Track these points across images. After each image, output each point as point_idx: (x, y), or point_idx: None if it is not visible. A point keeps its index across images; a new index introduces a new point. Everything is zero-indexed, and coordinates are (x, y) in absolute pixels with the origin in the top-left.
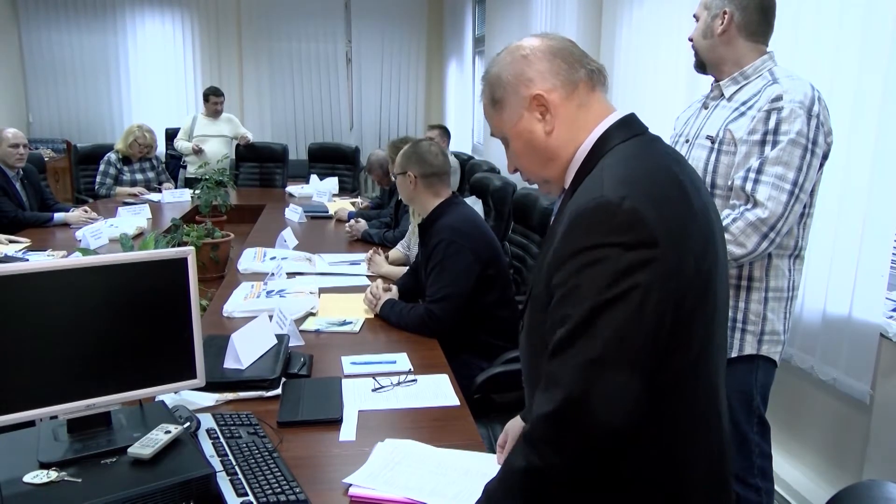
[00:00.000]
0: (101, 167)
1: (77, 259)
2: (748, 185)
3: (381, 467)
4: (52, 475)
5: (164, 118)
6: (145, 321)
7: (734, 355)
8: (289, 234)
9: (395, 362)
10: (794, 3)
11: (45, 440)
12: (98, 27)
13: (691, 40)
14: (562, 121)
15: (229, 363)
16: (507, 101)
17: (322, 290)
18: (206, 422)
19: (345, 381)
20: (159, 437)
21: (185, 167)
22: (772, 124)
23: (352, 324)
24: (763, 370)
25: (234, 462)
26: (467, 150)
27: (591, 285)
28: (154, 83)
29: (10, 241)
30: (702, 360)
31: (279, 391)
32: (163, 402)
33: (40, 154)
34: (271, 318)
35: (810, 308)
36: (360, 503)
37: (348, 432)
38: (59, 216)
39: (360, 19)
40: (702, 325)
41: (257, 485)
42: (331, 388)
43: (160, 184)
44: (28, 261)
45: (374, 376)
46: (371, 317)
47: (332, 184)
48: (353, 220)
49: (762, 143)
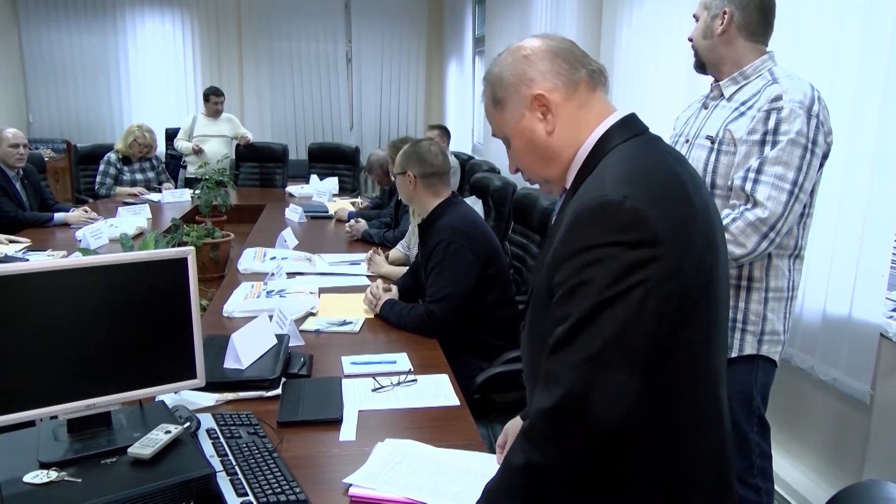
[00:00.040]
0: (101, 167)
1: (77, 259)
2: (748, 185)
3: (381, 467)
4: (52, 475)
5: (164, 118)
6: (145, 321)
7: (734, 355)
8: (289, 234)
9: (395, 362)
10: (794, 3)
11: (45, 440)
12: (98, 27)
13: (691, 40)
14: (563, 121)
15: (229, 363)
16: (508, 100)
17: (322, 290)
18: (206, 422)
19: (345, 381)
20: (159, 437)
21: (185, 167)
22: (771, 124)
23: (352, 324)
24: (763, 370)
25: (234, 462)
26: (467, 150)
27: (593, 284)
28: (154, 83)
29: (10, 241)
30: (702, 361)
31: (279, 391)
32: (163, 402)
33: (40, 154)
34: (271, 318)
35: (810, 308)
36: (360, 503)
37: (348, 432)
38: (59, 216)
39: (360, 19)
40: (703, 324)
41: (257, 485)
42: (331, 388)
43: (160, 184)
44: (28, 261)
45: (374, 376)
46: (371, 317)
47: (332, 184)
48: (353, 220)
49: (762, 142)
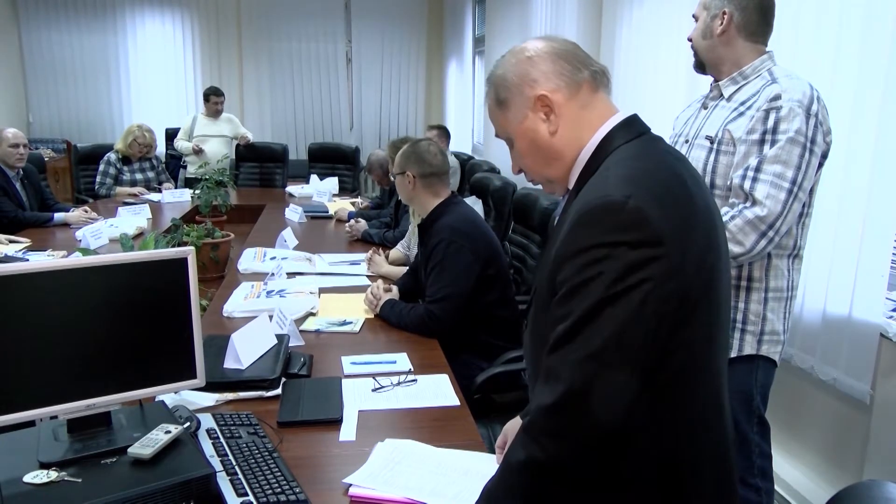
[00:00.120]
0: (101, 167)
1: (77, 259)
2: (747, 184)
3: (381, 467)
4: (52, 475)
5: (164, 118)
6: (145, 321)
7: (734, 355)
8: (289, 234)
9: (395, 362)
10: (794, 3)
11: (45, 440)
12: (98, 27)
13: (691, 40)
14: (566, 121)
15: (229, 363)
16: (511, 101)
17: (322, 290)
18: (206, 422)
19: (345, 381)
20: (159, 437)
21: (185, 167)
22: (770, 123)
23: (352, 324)
24: (763, 370)
25: (234, 462)
26: (467, 150)
27: (595, 283)
28: (154, 83)
29: (10, 241)
30: (703, 360)
31: (279, 391)
32: (163, 402)
33: (40, 154)
34: (271, 318)
35: (810, 308)
36: (360, 503)
37: (348, 432)
38: (59, 216)
39: (360, 19)
40: (703, 324)
41: (257, 485)
42: (331, 388)
43: (160, 184)
44: (28, 261)
45: (374, 376)
46: (371, 317)
47: (332, 184)
48: (353, 220)
49: (761, 142)
